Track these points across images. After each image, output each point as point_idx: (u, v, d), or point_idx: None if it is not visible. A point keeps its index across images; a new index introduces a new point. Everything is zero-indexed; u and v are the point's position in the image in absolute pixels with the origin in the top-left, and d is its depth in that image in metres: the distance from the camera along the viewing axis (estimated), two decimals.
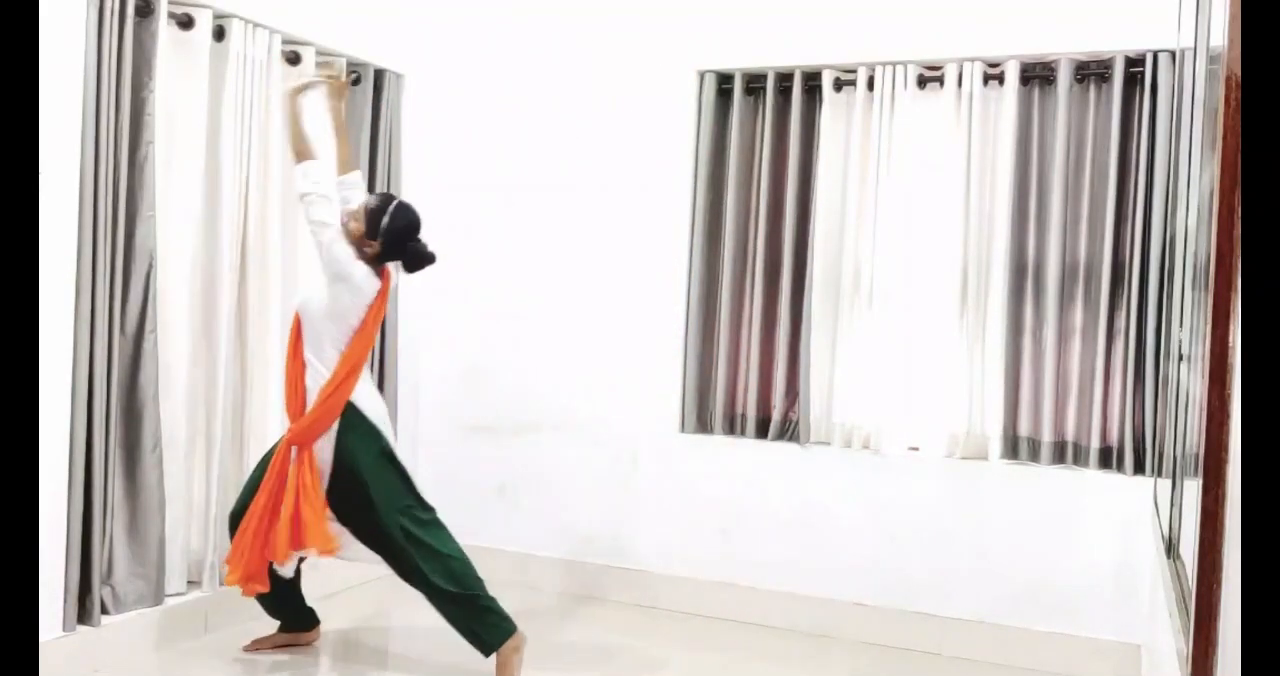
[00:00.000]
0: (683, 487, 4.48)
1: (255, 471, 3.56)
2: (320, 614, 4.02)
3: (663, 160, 4.54)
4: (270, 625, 3.82)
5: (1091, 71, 3.96)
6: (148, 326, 3.59)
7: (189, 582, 3.88)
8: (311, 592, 4.52)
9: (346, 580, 4.57)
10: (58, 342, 3.30)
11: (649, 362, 4.55)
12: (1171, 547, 2.42)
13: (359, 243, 3.41)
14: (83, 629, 3.42)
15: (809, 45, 4.30)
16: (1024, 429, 4.05)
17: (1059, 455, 4.01)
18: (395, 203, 3.45)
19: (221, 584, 3.69)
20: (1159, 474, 3.21)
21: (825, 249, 4.27)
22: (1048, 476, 3.96)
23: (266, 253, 4.08)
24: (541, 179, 4.77)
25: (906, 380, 4.17)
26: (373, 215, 3.40)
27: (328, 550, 3.35)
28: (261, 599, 3.58)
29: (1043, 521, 3.93)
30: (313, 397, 3.37)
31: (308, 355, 3.40)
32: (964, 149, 4.10)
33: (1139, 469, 3.83)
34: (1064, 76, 3.95)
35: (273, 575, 3.47)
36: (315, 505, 3.30)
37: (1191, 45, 2.71)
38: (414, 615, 4.47)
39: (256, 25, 3.97)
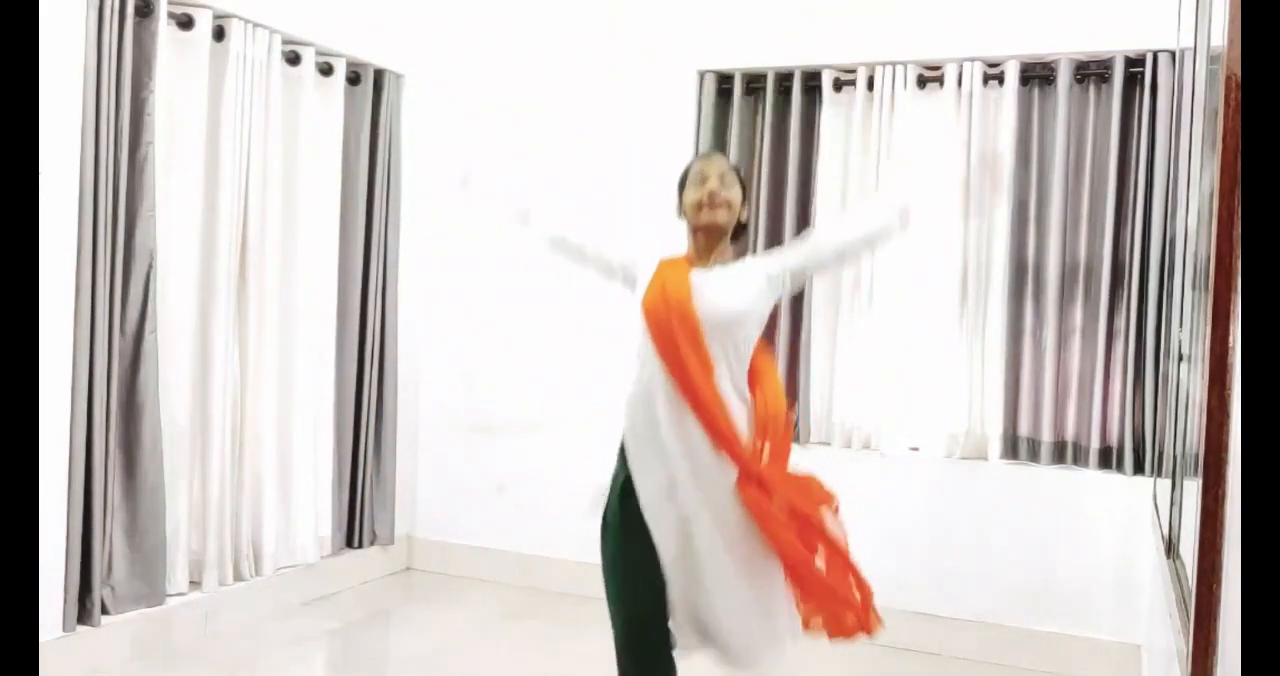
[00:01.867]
0: None
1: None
2: (321, 613, 4.00)
3: (663, 160, 4.53)
4: None
5: (1091, 71, 3.96)
6: (148, 326, 3.59)
7: (189, 583, 3.88)
8: (310, 592, 4.51)
9: (345, 580, 4.57)
10: (58, 342, 3.30)
11: None
12: (1171, 547, 2.42)
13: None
14: (83, 629, 3.42)
15: (809, 45, 4.29)
16: (1024, 429, 4.04)
17: (1059, 455, 4.01)
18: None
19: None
20: (1159, 474, 3.21)
21: None
22: (1048, 476, 3.96)
23: (266, 253, 4.08)
24: (541, 179, 4.77)
25: (906, 380, 4.17)
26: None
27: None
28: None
29: (1043, 521, 3.93)
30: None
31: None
32: (964, 149, 4.10)
33: (1139, 469, 3.83)
34: (1064, 76, 3.95)
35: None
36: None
37: (1191, 45, 2.71)
38: (413, 613, 4.47)
39: (256, 25, 3.97)
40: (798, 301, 4.31)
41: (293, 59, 4.22)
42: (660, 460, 2.52)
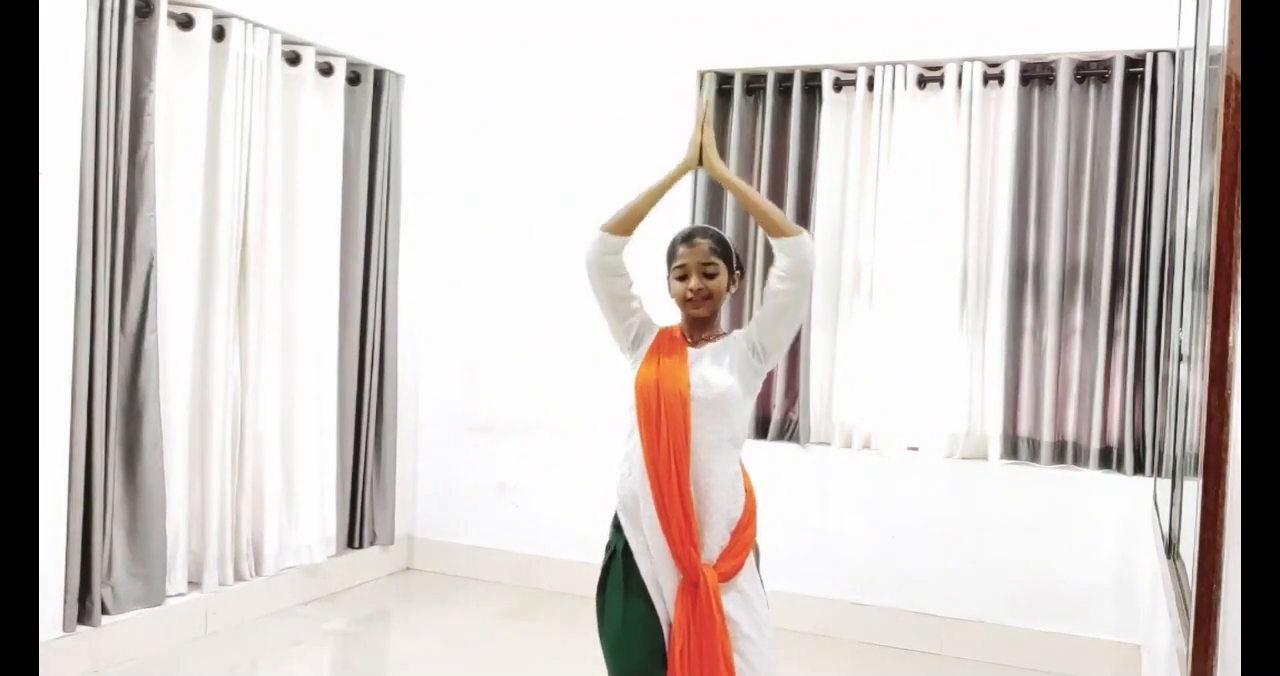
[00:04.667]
0: None
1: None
2: (321, 613, 3.97)
3: (663, 160, 4.50)
4: None
5: (1091, 71, 3.96)
6: (148, 326, 3.59)
7: (189, 583, 3.88)
8: (310, 592, 4.51)
9: (344, 580, 4.57)
10: (58, 342, 3.30)
11: None
12: (1171, 547, 2.42)
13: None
14: (83, 629, 3.42)
15: (809, 45, 4.29)
16: (1024, 429, 4.05)
17: (1059, 455, 4.01)
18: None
19: None
20: (1159, 474, 3.21)
21: (825, 249, 4.27)
22: (1048, 476, 3.96)
23: (266, 253, 4.08)
24: (541, 179, 4.77)
25: (906, 380, 4.17)
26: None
27: None
28: None
29: (1043, 521, 3.93)
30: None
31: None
32: (964, 149, 4.10)
33: (1139, 469, 3.83)
34: (1064, 76, 3.95)
35: None
36: None
37: (1191, 45, 2.71)
38: (413, 613, 4.48)
39: (256, 25, 3.97)
40: None
41: (293, 59, 4.22)
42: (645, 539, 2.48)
